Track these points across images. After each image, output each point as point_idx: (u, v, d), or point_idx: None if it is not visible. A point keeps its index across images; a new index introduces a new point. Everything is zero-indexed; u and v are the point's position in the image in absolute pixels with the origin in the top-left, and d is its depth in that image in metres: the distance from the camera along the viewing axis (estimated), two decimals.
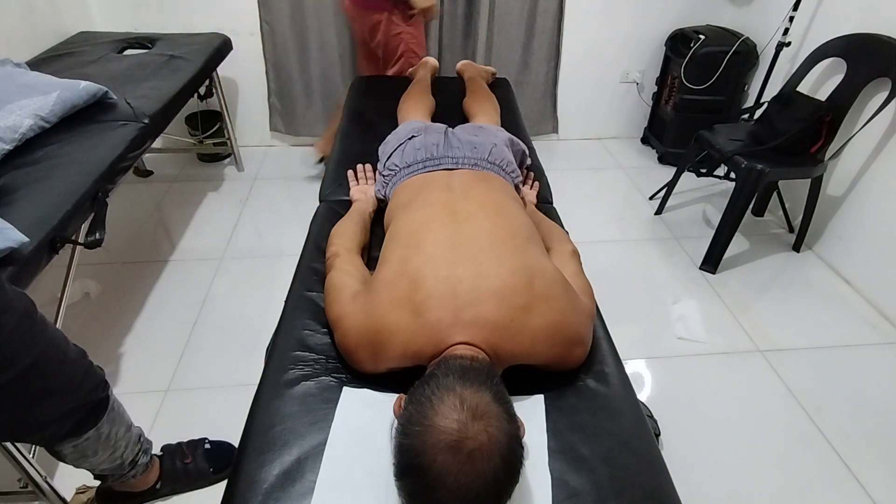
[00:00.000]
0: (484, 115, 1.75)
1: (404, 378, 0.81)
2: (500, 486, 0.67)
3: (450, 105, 1.91)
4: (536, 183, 1.59)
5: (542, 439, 0.86)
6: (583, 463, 0.84)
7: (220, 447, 1.41)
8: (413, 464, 0.67)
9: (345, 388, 0.92)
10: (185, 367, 1.69)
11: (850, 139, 2.01)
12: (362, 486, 0.78)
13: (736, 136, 2.21)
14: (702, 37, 2.56)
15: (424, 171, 1.29)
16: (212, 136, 2.71)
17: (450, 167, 1.29)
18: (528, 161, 1.60)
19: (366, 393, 0.91)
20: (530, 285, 0.91)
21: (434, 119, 1.77)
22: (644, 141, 3.15)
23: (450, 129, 1.46)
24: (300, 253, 1.31)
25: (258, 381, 0.97)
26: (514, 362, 0.90)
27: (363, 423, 0.85)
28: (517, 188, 1.38)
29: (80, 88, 1.60)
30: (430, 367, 0.84)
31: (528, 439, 0.84)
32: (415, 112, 1.73)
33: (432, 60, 2.18)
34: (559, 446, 0.86)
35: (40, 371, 0.89)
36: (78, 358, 1.00)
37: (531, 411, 0.90)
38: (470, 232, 1.00)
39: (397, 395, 0.81)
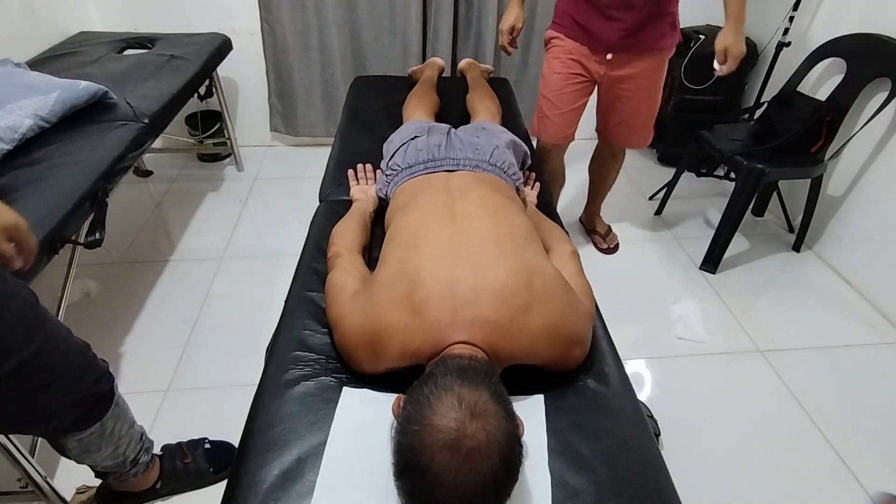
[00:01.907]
0: (486, 113, 1.75)
1: (404, 378, 0.81)
2: (499, 484, 0.67)
3: (451, 105, 1.91)
4: (537, 184, 1.59)
5: (541, 439, 0.86)
6: (583, 463, 0.84)
7: (220, 447, 1.41)
8: (412, 463, 0.67)
9: (345, 388, 0.92)
10: (185, 367, 1.69)
11: (850, 139, 2.01)
12: (362, 486, 0.78)
13: (736, 136, 2.21)
14: (702, 37, 2.56)
15: (426, 173, 1.29)
16: (212, 136, 2.71)
17: (450, 168, 1.29)
18: (529, 162, 1.61)
19: (365, 393, 0.91)
20: (529, 285, 0.91)
21: (436, 118, 1.77)
22: None
23: (453, 129, 1.46)
24: (300, 253, 1.31)
25: (258, 381, 0.98)
26: (513, 362, 0.90)
27: (363, 424, 0.85)
28: (518, 190, 1.38)
29: (80, 88, 1.61)
30: (428, 367, 0.84)
31: (528, 439, 0.84)
32: (419, 112, 1.73)
33: (439, 61, 2.19)
34: (559, 446, 0.86)
35: (43, 362, 0.89)
36: (81, 349, 1.00)
37: (531, 411, 0.90)
38: (468, 232, 1.00)
39: (396, 395, 0.81)
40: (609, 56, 1.72)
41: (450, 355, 0.82)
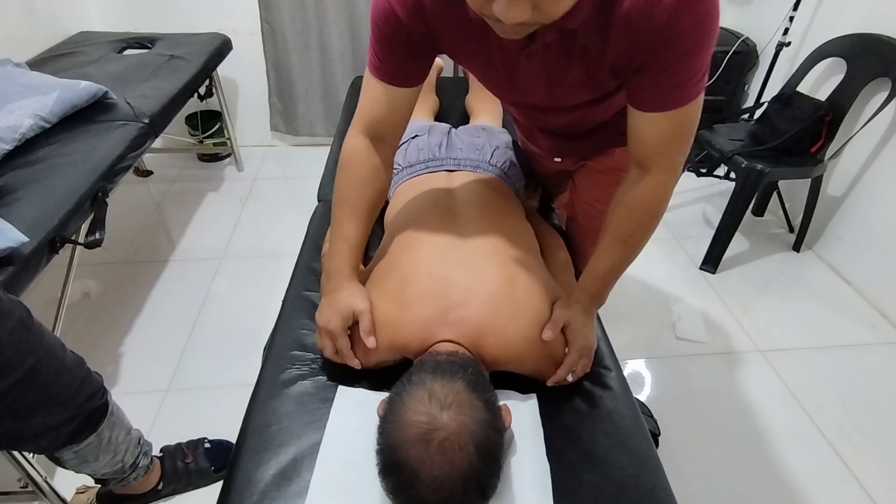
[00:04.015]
0: (486, 114, 1.75)
1: (400, 378, 0.81)
2: (479, 475, 0.66)
3: (450, 105, 1.91)
4: (539, 187, 1.58)
5: (538, 439, 0.86)
6: (580, 463, 0.84)
7: (220, 445, 1.42)
8: (389, 461, 0.67)
9: (340, 388, 0.92)
10: (185, 367, 1.69)
11: (850, 139, 2.00)
12: (357, 485, 0.78)
13: (736, 136, 2.20)
14: None
15: (426, 172, 1.29)
16: (212, 136, 2.71)
17: (451, 168, 1.29)
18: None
19: (361, 392, 0.91)
20: (525, 294, 0.90)
21: (435, 119, 1.76)
22: None
23: (453, 129, 1.46)
24: (298, 252, 1.31)
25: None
26: (500, 368, 0.90)
27: (358, 423, 0.85)
28: (518, 192, 1.38)
29: (80, 88, 1.61)
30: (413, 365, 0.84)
31: (524, 440, 0.84)
32: (418, 112, 1.72)
33: (438, 61, 2.17)
34: (556, 446, 0.85)
35: (36, 381, 0.88)
36: (75, 366, 0.99)
37: (527, 411, 0.90)
38: (467, 234, 1.00)
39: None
40: (557, 159, 1.28)
41: (430, 353, 0.82)
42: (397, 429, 0.67)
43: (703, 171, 2.63)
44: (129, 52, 2.26)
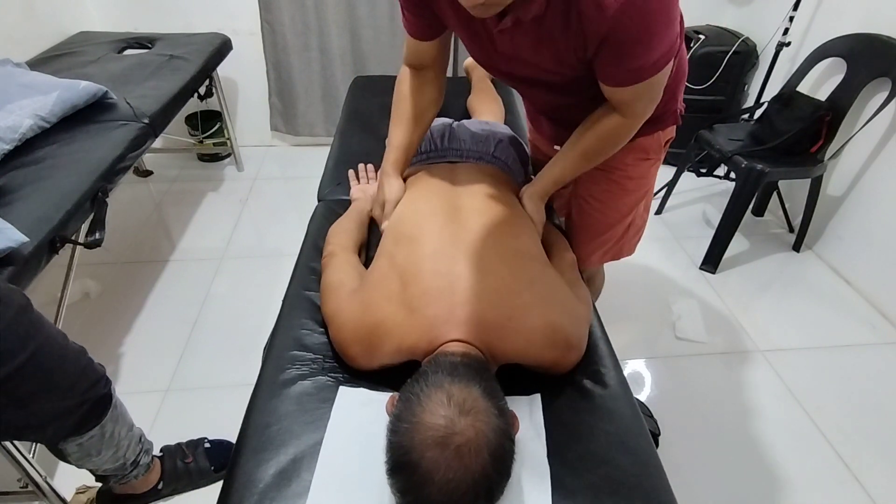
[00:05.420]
0: (489, 113, 1.75)
1: (400, 378, 0.81)
2: (490, 481, 0.67)
3: (451, 105, 1.90)
4: None
5: (540, 439, 0.86)
6: (579, 463, 0.84)
7: (220, 445, 1.42)
8: (402, 461, 0.67)
9: (341, 388, 0.92)
10: (185, 367, 1.69)
11: (850, 139, 2.00)
12: (358, 485, 0.78)
13: (736, 136, 2.21)
14: (702, 37, 2.56)
15: (428, 163, 1.28)
16: (212, 136, 2.71)
17: (454, 160, 1.28)
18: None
19: (362, 392, 0.91)
20: (530, 286, 0.91)
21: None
22: None
23: (455, 122, 1.45)
24: (298, 252, 1.31)
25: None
26: (508, 361, 0.90)
27: (359, 423, 0.85)
28: (521, 187, 1.38)
29: (80, 88, 1.61)
30: (423, 365, 0.84)
31: (525, 439, 0.84)
32: None
33: None
34: (556, 446, 0.85)
35: (37, 367, 0.89)
36: (77, 355, 1.00)
37: (529, 410, 0.90)
38: (472, 227, 0.99)
39: (391, 394, 0.81)
40: (556, 147, 1.23)
41: (443, 353, 0.82)
42: (413, 429, 0.67)
43: (703, 171, 2.63)
44: (129, 52, 2.26)
